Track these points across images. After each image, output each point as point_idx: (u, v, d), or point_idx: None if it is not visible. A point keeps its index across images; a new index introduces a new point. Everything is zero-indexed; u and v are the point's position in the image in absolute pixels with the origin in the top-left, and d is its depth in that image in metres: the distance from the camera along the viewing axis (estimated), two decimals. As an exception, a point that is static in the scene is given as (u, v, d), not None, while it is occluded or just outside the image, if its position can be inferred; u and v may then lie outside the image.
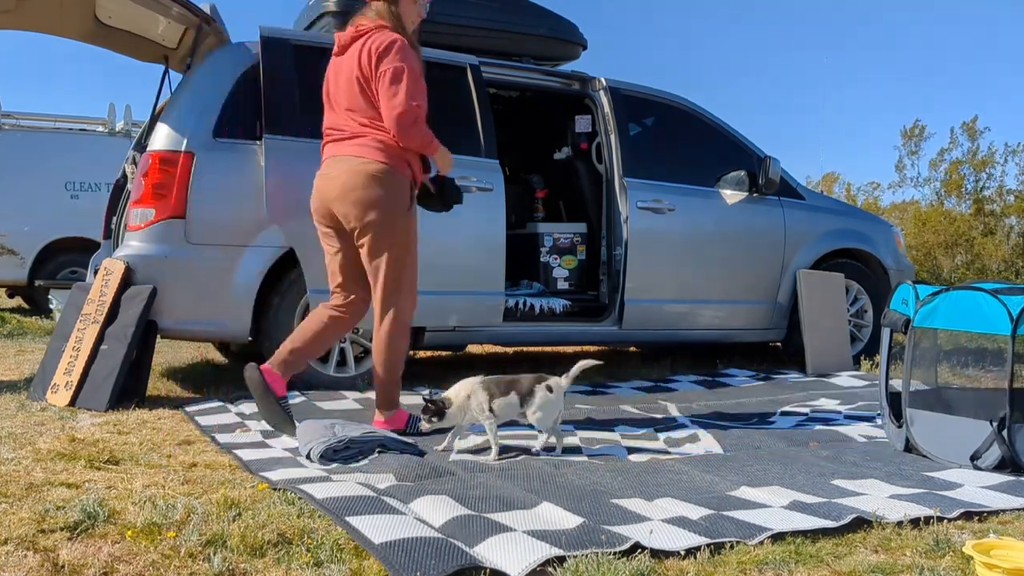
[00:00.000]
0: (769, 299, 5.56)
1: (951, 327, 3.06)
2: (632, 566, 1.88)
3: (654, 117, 5.56)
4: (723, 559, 2.01)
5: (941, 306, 3.03)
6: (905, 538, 2.17)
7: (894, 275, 5.87)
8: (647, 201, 5.13)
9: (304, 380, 4.36)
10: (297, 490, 2.43)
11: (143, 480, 2.61)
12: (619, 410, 4.02)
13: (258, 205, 4.19)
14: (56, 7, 4.53)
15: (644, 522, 2.21)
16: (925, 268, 16.22)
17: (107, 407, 3.74)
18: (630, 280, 5.09)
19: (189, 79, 4.38)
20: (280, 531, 2.11)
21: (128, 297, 4.06)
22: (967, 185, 16.38)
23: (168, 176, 4.14)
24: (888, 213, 20.74)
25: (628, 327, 5.15)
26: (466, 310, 4.65)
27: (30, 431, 3.28)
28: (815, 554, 2.05)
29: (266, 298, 4.32)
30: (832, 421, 3.80)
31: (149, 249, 4.14)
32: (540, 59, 5.46)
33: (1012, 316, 2.79)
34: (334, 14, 4.91)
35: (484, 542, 2.00)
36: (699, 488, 2.61)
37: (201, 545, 2.02)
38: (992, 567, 1.89)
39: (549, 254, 5.61)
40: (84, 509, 2.21)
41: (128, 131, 9.85)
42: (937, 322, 3.05)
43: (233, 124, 4.28)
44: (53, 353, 4.12)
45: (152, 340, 4.11)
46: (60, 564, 1.89)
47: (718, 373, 5.34)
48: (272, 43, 4.37)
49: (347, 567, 1.91)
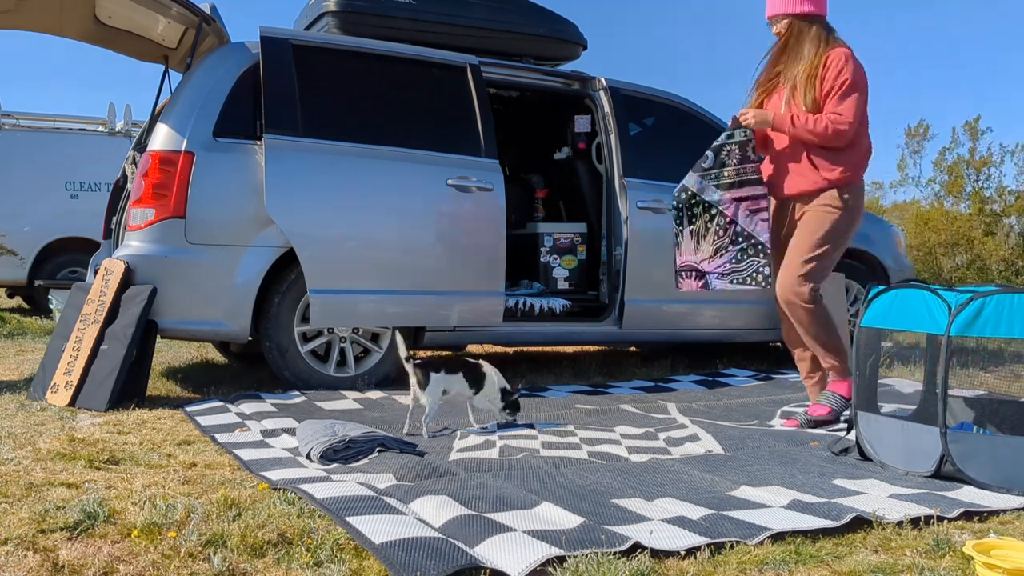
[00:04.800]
0: (769, 299, 5.54)
1: (896, 327, 3.00)
2: (632, 566, 1.88)
3: (654, 117, 5.56)
4: (723, 559, 2.00)
5: (888, 304, 2.97)
6: (905, 538, 2.17)
7: (894, 275, 5.86)
8: (647, 201, 5.13)
9: (304, 380, 4.37)
10: (297, 490, 2.43)
11: (143, 480, 2.61)
12: (619, 410, 4.02)
13: (258, 205, 4.19)
14: (56, 7, 4.53)
15: (644, 522, 2.21)
16: (926, 268, 16.21)
17: (107, 407, 3.74)
18: (630, 280, 5.09)
19: (189, 79, 4.38)
20: (280, 531, 2.11)
21: (128, 297, 4.06)
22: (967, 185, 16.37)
23: (168, 176, 4.14)
24: (889, 213, 20.72)
25: (628, 327, 5.14)
26: (466, 310, 4.65)
27: (30, 431, 3.28)
28: (815, 554, 2.05)
29: (266, 298, 4.32)
30: (832, 421, 3.80)
31: (149, 249, 4.14)
32: (540, 59, 5.46)
33: (951, 309, 2.71)
34: (334, 14, 4.92)
35: (484, 542, 2.00)
36: (699, 488, 2.61)
37: (201, 545, 2.02)
38: (992, 567, 1.89)
39: (549, 254, 5.61)
40: (84, 509, 2.21)
41: (128, 131, 9.85)
42: (888, 322, 2.99)
43: (233, 124, 4.29)
44: (53, 353, 4.12)
45: (152, 340, 4.11)
46: (60, 564, 1.89)
47: (718, 373, 5.34)
48: (272, 43, 4.37)
49: (347, 567, 1.91)
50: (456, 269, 4.60)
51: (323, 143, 4.35)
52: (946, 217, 16.28)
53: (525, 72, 5.26)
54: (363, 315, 4.43)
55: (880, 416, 3.05)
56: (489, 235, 4.68)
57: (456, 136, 4.72)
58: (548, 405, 4.11)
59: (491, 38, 5.22)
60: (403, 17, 5.00)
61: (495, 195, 4.68)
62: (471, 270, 4.65)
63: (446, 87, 4.81)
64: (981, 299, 2.70)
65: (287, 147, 4.24)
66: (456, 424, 3.56)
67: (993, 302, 2.69)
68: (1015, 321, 2.67)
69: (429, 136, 4.66)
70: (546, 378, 5.08)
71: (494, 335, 4.94)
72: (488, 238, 4.68)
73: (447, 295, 4.59)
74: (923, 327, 2.85)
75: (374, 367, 4.55)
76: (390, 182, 4.46)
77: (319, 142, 4.34)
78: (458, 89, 4.81)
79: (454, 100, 4.79)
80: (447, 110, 4.80)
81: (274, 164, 4.18)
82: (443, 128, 4.75)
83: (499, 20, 5.23)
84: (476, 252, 4.66)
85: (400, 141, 4.54)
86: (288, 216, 4.20)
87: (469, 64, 4.87)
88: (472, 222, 4.63)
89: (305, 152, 4.29)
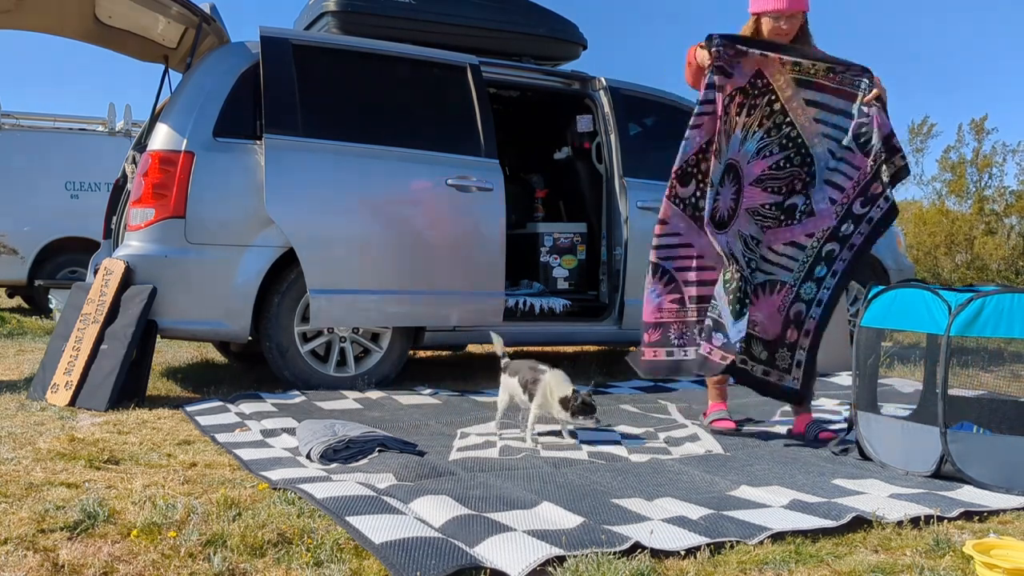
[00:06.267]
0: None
1: (897, 327, 3.00)
2: (632, 566, 1.88)
3: (654, 117, 5.56)
4: (723, 559, 2.00)
5: (888, 304, 2.97)
6: (905, 538, 2.17)
7: (894, 275, 5.87)
8: (647, 201, 5.13)
9: (304, 380, 4.37)
10: (297, 490, 2.44)
11: (143, 480, 2.61)
12: (619, 410, 4.02)
13: (258, 205, 4.19)
14: (56, 7, 4.53)
15: (644, 522, 2.21)
16: (926, 268, 16.20)
17: (107, 407, 3.74)
18: (630, 280, 5.09)
19: (189, 79, 4.38)
20: (280, 531, 2.11)
21: (128, 297, 4.06)
22: (969, 186, 16.35)
23: (168, 176, 4.14)
24: (889, 212, 20.64)
25: (628, 327, 5.14)
26: (466, 310, 4.65)
27: (30, 431, 3.28)
28: (815, 554, 2.05)
29: (266, 298, 4.32)
30: (832, 421, 3.80)
31: (149, 249, 4.15)
32: (540, 59, 5.46)
33: (951, 310, 2.71)
34: (334, 14, 4.92)
35: (484, 542, 2.00)
36: (699, 488, 2.61)
37: (201, 545, 2.02)
38: (992, 567, 1.89)
39: (549, 254, 5.61)
40: (84, 509, 2.21)
41: (128, 131, 9.85)
42: (888, 322, 2.98)
43: (233, 124, 4.29)
44: (53, 353, 4.12)
45: (152, 340, 4.11)
46: (60, 564, 1.89)
47: (718, 373, 5.32)
48: (272, 43, 4.38)
49: (347, 567, 1.91)
50: (456, 269, 4.60)
51: (323, 143, 4.35)
52: (947, 217, 16.25)
53: (525, 72, 5.26)
54: (363, 315, 4.43)
55: (880, 416, 3.05)
56: (489, 235, 4.68)
57: (456, 136, 4.72)
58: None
59: (491, 38, 5.22)
60: (403, 17, 5.00)
61: (495, 195, 4.68)
62: (471, 270, 4.64)
63: (446, 87, 4.81)
64: (981, 299, 2.70)
65: (287, 147, 4.24)
66: (459, 423, 3.56)
67: (993, 302, 2.69)
68: (1015, 321, 2.67)
69: (429, 136, 4.66)
70: (546, 378, 5.08)
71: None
72: (488, 238, 4.67)
73: (447, 295, 4.59)
74: (923, 327, 2.85)
75: (374, 367, 4.55)
76: (390, 182, 4.47)
77: (319, 142, 4.34)
78: (458, 89, 4.81)
79: (454, 100, 4.79)
80: (447, 110, 4.80)
81: (274, 164, 4.18)
82: (443, 128, 4.75)
83: (499, 20, 5.23)
84: (476, 252, 4.66)
85: (400, 141, 4.54)
86: (288, 216, 4.20)
87: (469, 64, 4.87)
88: (472, 222, 4.63)
89: (305, 152, 4.29)
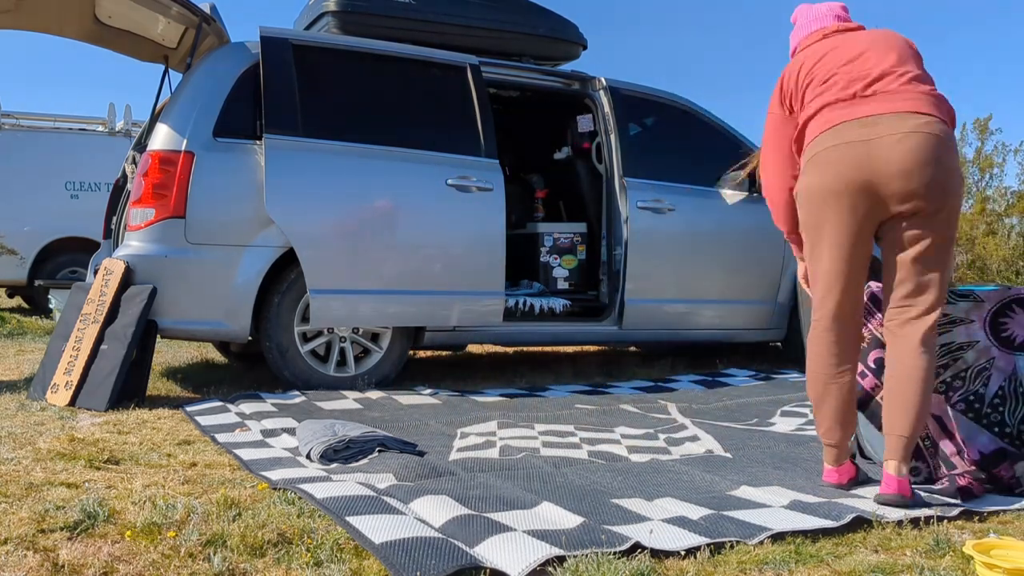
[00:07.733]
0: (769, 299, 5.56)
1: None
2: (632, 566, 1.88)
3: (654, 117, 5.56)
4: (723, 559, 2.00)
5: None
6: (905, 538, 2.17)
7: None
8: (647, 201, 5.13)
9: (304, 380, 4.37)
10: (297, 490, 2.44)
11: (143, 480, 2.61)
12: (619, 410, 4.02)
13: (258, 205, 4.20)
14: (56, 7, 4.53)
15: (644, 522, 2.21)
16: (925, 268, 16.18)
17: (107, 407, 3.74)
18: (630, 280, 5.10)
19: (189, 79, 4.38)
20: (280, 531, 2.11)
21: (128, 297, 4.06)
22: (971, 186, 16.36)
23: (168, 176, 4.14)
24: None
25: (628, 327, 5.15)
26: (466, 310, 4.65)
27: (30, 431, 3.28)
28: (815, 554, 2.05)
29: (266, 298, 4.32)
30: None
31: (149, 249, 4.15)
32: (540, 59, 5.46)
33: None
34: (334, 14, 4.92)
35: (484, 542, 2.00)
36: (699, 488, 2.61)
37: (201, 545, 2.02)
38: (992, 567, 1.89)
39: (549, 254, 5.61)
40: (84, 509, 2.21)
41: (128, 131, 9.85)
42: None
43: (233, 124, 4.29)
44: (53, 353, 4.12)
45: (152, 340, 4.11)
46: (60, 564, 1.89)
47: (718, 373, 5.33)
48: (272, 43, 4.38)
49: (347, 567, 1.91)
50: (456, 269, 4.60)
51: (323, 143, 4.35)
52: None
53: (525, 72, 5.26)
54: (363, 315, 4.43)
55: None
56: (489, 235, 4.67)
57: (456, 136, 4.72)
58: (548, 405, 4.11)
59: (491, 38, 5.22)
60: (403, 17, 5.00)
61: (495, 195, 4.68)
62: (471, 270, 4.64)
63: (446, 87, 4.81)
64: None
65: (287, 147, 4.24)
66: (459, 423, 3.56)
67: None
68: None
69: (429, 136, 4.66)
70: (546, 378, 5.08)
71: (494, 335, 4.95)
72: (488, 238, 4.67)
73: (447, 295, 4.59)
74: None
75: (374, 367, 4.55)
76: (390, 182, 4.47)
77: (319, 142, 4.34)
78: (458, 89, 4.81)
79: (454, 100, 4.79)
80: (447, 110, 4.80)
81: (274, 164, 4.18)
82: (443, 128, 4.75)
83: (499, 20, 5.23)
84: (476, 252, 4.66)
85: (400, 141, 4.54)
86: (288, 216, 4.20)
87: (469, 64, 4.87)
88: (472, 222, 4.63)
89: (305, 152, 4.29)
